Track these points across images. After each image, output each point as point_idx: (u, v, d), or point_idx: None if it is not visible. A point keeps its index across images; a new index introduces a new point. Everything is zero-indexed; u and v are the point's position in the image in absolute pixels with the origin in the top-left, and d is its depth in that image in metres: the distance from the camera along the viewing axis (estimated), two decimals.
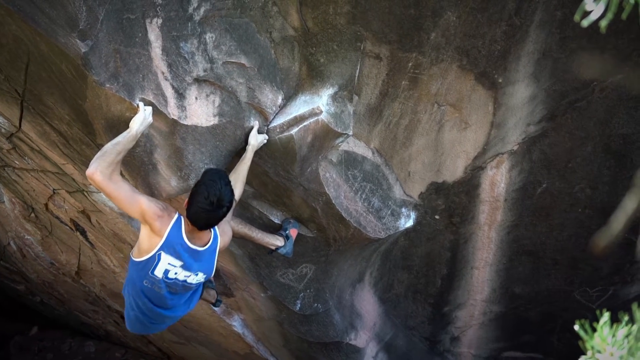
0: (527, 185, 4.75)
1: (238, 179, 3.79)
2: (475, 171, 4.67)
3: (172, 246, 3.35)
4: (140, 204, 3.24)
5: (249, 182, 4.29)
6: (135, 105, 3.25)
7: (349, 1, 3.65)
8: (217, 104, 3.70)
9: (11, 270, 7.18)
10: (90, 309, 7.55)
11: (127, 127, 3.21)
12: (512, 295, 5.66)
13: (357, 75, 3.98)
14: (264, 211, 4.52)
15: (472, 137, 4.44)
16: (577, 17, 1.24)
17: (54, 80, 3.23)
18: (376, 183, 4.60)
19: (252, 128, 3.89)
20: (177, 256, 3.38)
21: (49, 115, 3.54)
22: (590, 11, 1.24)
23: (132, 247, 4.81)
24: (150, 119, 3.29)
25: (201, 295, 4.13)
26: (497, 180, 4.72)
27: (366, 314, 5.81)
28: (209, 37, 3.51)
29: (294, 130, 3.95)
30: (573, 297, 5.54)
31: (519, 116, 4.31)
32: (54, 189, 4.74)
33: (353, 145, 4.36)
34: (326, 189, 4.31)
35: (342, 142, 4.26)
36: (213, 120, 3.72)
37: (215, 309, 4.85)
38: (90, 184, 4.17)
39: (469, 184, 4.77)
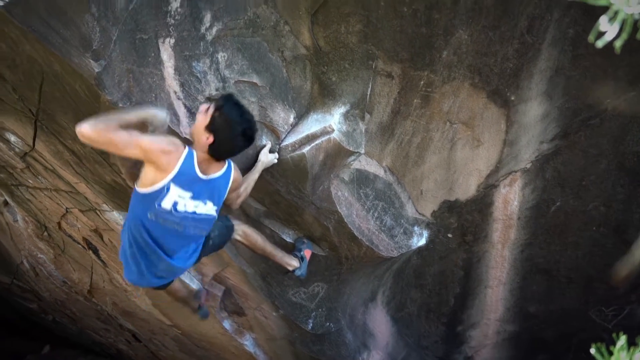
0: (540, 204, 4.71)
1: (245, 190, 3.78)
2: (488, 189, 4.64)
3: (183, 178, 3.18)
4: (140, 144, 2.97)
5: (260, 200, 4.29)
6: None
7: (360, 20, 3.66)
8: None
9: (24, 289, 7.19)
10: (102, 328, 7.54)
11: None
12: (527, 314, 5.59)
13: (369, 93, 3.98)
14: (275, 230, 4.50)
15: (485, 155, 4.42)
16: (591, 38, 1.22)
17: (67, 100, 3.25)
18: (388, 201, 4.58)
19: (263, 146, 3.89)
20: (188, 187, 3.22)
21: (62, 134, 3.56)
22: (605, 32, 1.23)
23: None
24: None
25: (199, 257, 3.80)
26: (510, 198, 4.68)
27: (379, 333, 5.76)
28: (221, 56, 3.53)
29: (305, 149, 3.95)
30: (588, 317, 5.47)
31: (532, 134, 4.29)
32: (66, 208, 4.75)
33: (365, 163, 4.35)
34: (338, 207, 4.29)
35: (354, 160, 4.25)
36: None
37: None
38: (103, 203, 4.21)
39: (482, 202, 4.74)
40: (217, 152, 3.25)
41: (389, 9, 3.60)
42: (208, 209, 3.39)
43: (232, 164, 3.47)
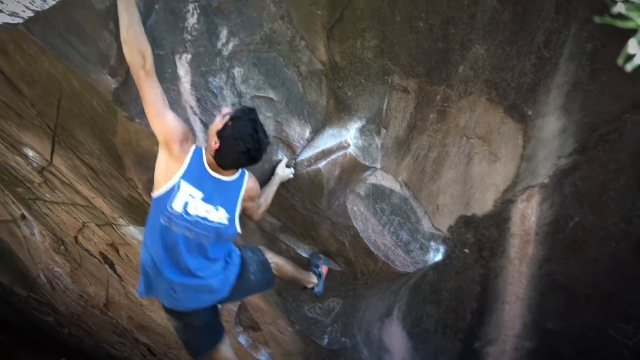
0: (558, 219, 4.66)
1: (265, 201, 3.77)
2: (505, 204, 4.60)
3: (193, 174, 3.16)
4: (167, 118, 3.02)
5: (276, 215, 4.29)
6: None
7: (376, 35, 3.66)
8: None
9: (40, 302, 7.22)
10: (118, 341, 7.55)
11: (155, 161, 3.20)
12: (545, 331, 5.52)
13: (384, 108, 3.97)
14: (291, 244, 4.49)
15: (502, 170, 4.38)
16: (620, 61, 1.20)
17: (85, 116, 3.27)
18: (404, 216, 4.55)
19: (279, 161, 3.89)
20: (199, 185, 3.18)
21: (79, 149, 3.58)
22: (634, 55, 1.21)
23: None
24: None
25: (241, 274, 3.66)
26: (528, 214, 4.64)
27: (395, 349, 5.71)
28: (237, 71, 3.54)
29: (321, 164, 3.95)
30: (608, 334, 5.38)
31: (550, 149, 4.25)
32: (83, 222, 4.77)
33: (381, 178, 4.33)
34: (354, 222, 4.28)
35: (370, 175, 4.24)
36: None
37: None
38: (119, 218, 4.22)
39: (499, 217, 4.70)
40: (220, 160, 3.20)
41: (405, 24, 3.59)
42: (220, 216, 3.30)
43: (246, 172, 3.44)
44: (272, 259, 3.97)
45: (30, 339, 9.09)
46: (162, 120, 3.03)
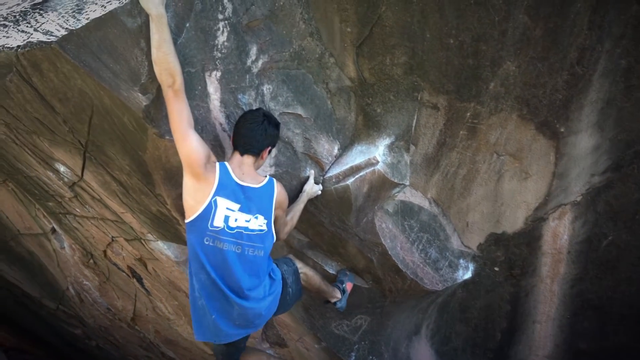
0: (591, 238, 4.57)
1: (291, 219, 3.75)
2: (536, 222, 4.53)
3: (225, 188, 3.17)
4: (190, 141, 3.03)
5: (304, 232, 4.27)
6: None
7: (405, 52, 3.64)
8: (273, 154, 3.71)
9: (69, 315, 7.27)
10: (144, 355, 7.57)
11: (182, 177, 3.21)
12: (577, 351, 5.39)
13: (414, 125, 3.94)
14: (318, 261, 4.47)
15: (533, 188, 4.32)
16: None
17: (115, 132, 3.29)
18: (433, 234, 4.50)
19: (307, 178, 3.88)
20: (234, 198, 3.19)
21: (110, 165, 3.61)
22: None
23: (187, 295, 4.83)
24: None
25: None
26: (560, 232, 4.56)
27: None
28: (266, 88, 3.55)
29: (350, 181, 3.93)
30: None
31: (583, 166, 4.18)
32: (112, 237, 4.80)
33: (410, 195, 4.30)
34: (382, 239, 4.24)
35: (398, 192, 4.21)
36: (269, 171, 3.73)
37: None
38: (148, 233, 4.24)
39: (530, 236, 4.62)
40: (237, 144, 3.28)
41: (435, 41, 3.57)
42: (260, 223, 3.32)
43: (274, 180, 3.43)
44: (302, 269, 3.96)
45: (59, 352, 9.17)
46: (185, 142, 3.04)
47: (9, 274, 6.59)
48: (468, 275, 4.82)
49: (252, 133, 3.24)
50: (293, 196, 3.89)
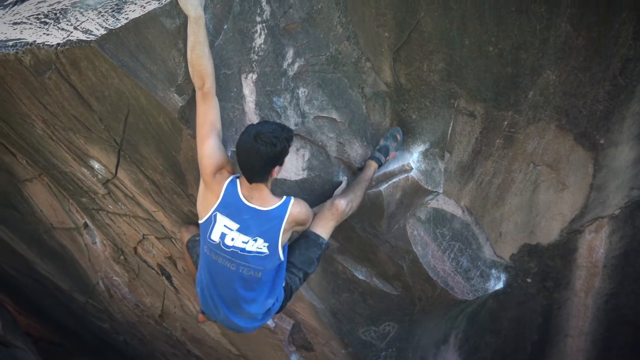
0: (629, 252, 4.47)
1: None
2: (571, 235, 4.45)
3: (228, 206, 3.08)
4: (206, 145, 2.99)
5: (334, 236, 4.23)
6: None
7: (443, 58, 3.59)
8: (306, 157, 3.69)
9: (98, 309, 7.34)
10: (171, 352, 7.61)
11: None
12: None
13: (449, 132, 3.89)
14: (347, 266, 4.44)
15: (570, 199, 4.24)
16: None
17: (150, 132, 3.31)
18: (465, 242, 4.44)
19: (340, 183, 3.85)
20: (234, 217, 3.09)
21: (143, 164, 3.63)
22: None
23: None
24: None
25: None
26: (596, 245, 4.47)
27: None
28: (301, 92, 3.53)
29: (383, 187, 3.89)
30: None
31: (622, 179, 4.09)
32: (143, 234, 4.83)
33: (442, 202, 4.24)
34: (413, 247, 4.20)
35: (431, 199, 4.16)
36: (302, 175, 3.71)
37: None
38: (179, 232, 4.26)
39: (565, 248, 4.54)
40: (242, 170, 3.06)
41: (474, 48, 3.51)
42: (258, 246, 3.17)
43: (292, 200, 3.23)
44: (346, 213, 3.58)
45: (88, 345, 9.28)
46: (202, 145, 3.03)
47: (40, 266, 6.67)
48: (500, 285, 4.74)
49: (250, 164, 3.01)
50: (324, 201, 3.87)
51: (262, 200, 3.13)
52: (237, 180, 3.12)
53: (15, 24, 3.37)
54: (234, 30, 3.06)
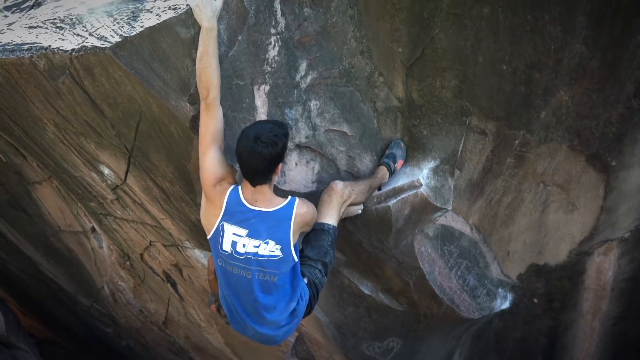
0: (638, 276, 4.45)
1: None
2: (580, 256, 4.41)
3: (233, 214, 3.04)
4: (207, 157, 2.99)
5: (341, 249, 4.23)
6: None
7: (456, 75, 3.58)
8: (316, 170, 3.68)
9: (102, 313, 7.35)
10: (173, 359, 7.61)
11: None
12: None
13: (460, 149, 3.88)
14: (353, 280, 4.42)
15: (579, 221, 4.21)
16: None
17: (161, 140, 3.31)
18: (473, 260, 4.42)
19: None
20: (242, 223, 3.05)
21: (153, 171, 3.63)
22: None
23: None
24: (212, 2, 2.80)
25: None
26: (605, 268, 4.43)
27: None
28: (313, 104, 3.52)
29: (391, 202, 3.88)
30: None
31: (633, 202, 4.06)
32: (150, 241, 4.84)
33: (451, 219, 4.22)
34: (420, 263, 4.17)
35: (440, 216, 4.14)
36: (311, 187, 3.70)
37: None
38: (186, 240, 4.26)
39: (573, 269, 4.51)
40: (244, 174, 3.02)
41: (487, 66, 3.50)
42: (270, 249, 3.12)
43: (297, 200, 3.18)
44: (346, 202, 3.54)
45: (91, 348, 9.28)
46: (203, 156, 3.02)
47: (46, 268, 6.69)
48: (506, 305, 4.71)
49: (253, 167, 2.97)
50: None
51: (267, 202, 3.10)
52: (239, 188, 3.09)
53: (31, 27, 3.38)
54: (248, 41, 3.07)
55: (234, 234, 3.09)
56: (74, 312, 7.94)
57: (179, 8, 2.85)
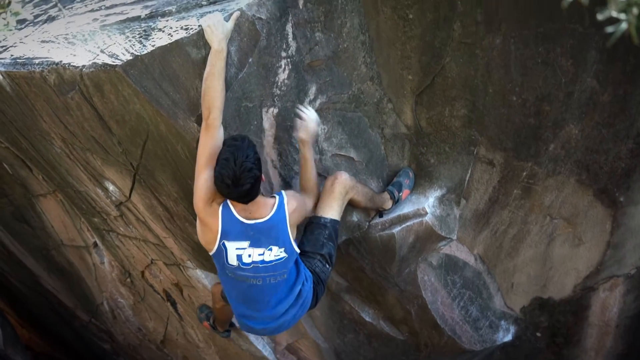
0: None
1: (308, 188, 3.39)
2: (585, 291, 4.36)
3: (231, 232, 3.04)
4: (200, 178, 2.98)
5: (343, 275, 4.20)
6: None
7: (466, 105, 3.58)
8: None
9: (100, 329, 7.30)
10: None
11: None
12: None
13: (467, 179, 3.85)
14: (355, 306, 4.38)
15: (585, 255, 4.16)
16: None
17: (167, 159, 3.30)
18: (476, 291, 4.37)
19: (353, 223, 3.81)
20: (241, 237, 3.05)
21: (158, 190, 3.62)
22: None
23: None
24: (223, 24, 2.82)
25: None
26: (610, 304, 4.38)
27: None
28: (321, 128, 3.51)
29: (396, 229, 3.85)
30: None
31: None
32: (152, 259, 4.81)
33: (455, 249, 4.19)
34: (423, 292, 4.13)
35: (444, 245, 4.10)
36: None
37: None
38: (187, 260, 4.23)
39: (577, 304, 4.45)
40: (232, 198, 3.02)
41: (497, 97, 3.49)
42: (275, 253, 3.14)
43: (284, 194, 3.17)
44: (349, 193, 3.46)
45: None
46: (198, 176, 2.99)
47: (47, 281, 6.66)
48: (508, 337, 4.66)
49: (240, 198, 2.99)
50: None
51: (260, 210, 3.09)
52: (229, 204, 3.04)
53: (43, 42, 3.40)
54: (258, 64, 3.07)
55: (237, 248, 3.09)
56: (72, 327, 7.89)
57: (191, 28, 2.85)
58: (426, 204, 3.88)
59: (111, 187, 3.99)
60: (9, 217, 5.67)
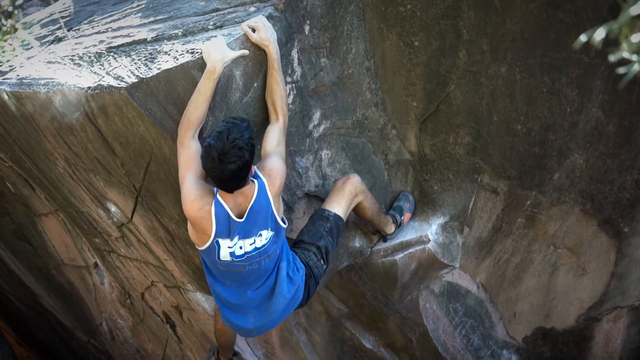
0: None
1: (276, 105, 3.09)
2: (588, 322, 4.31)
3: (224, 230, 2.92)
4: (183, 185, 2.90)
5: (344, 301, 4.17)
6: None
7: (470, 133, 3.57)
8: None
9: (99, 350, 7.25)
10: None
11: None
12: None
13: (470, 207, 3.84)
14: (355, 333, 4.34)
15: (589, 286, 4.12)
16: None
17: (170, 182, 3.29)
18: (478, 320, 4.33)
19: (355, 249, 3.78)
20: (234, 233, 2.93)
21: (160, 212, 3.60)
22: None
23: None
24: (224, 48, 2.79)
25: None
26: (613, 336, 4.32)
27: None
28: (324, 154, 3.51)
29: (398, 256, 3.83)
30: None
31: None
32: (152, 281, 4.79)
33: (458, 277, 4.16)
34: (424, 320, 4.10)
35: (447, 273, 4.07)
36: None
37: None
38: (188, 283, 4.20)
39: (581, 335, 4.39)
40: (220, 188, 2.87)
41: (502, 125, 3.49)
42: (265, 237, 3.02)
43: (261, 176, 2.96)
44: (358, 197, 3.42)
45: None
46: (182, 185, 2.92)
47: (46, 300, 6.64)
48: None
49: (225, 182, 2.81)
50: (338, 264, 3.80)
51: (247, 197, 2.94)
52: (219, 199, 2.91)
53: (49, 62, 3.42)
54: (263, 88, 3.06)
55: (228, 246, 2.99)
56: (70, 347, 7.85)
57: (197, 52, 2.86)
58: (429, 231, 3.87)
59: (113, 208, 3.98)
60: (10, 235, 5.67)
